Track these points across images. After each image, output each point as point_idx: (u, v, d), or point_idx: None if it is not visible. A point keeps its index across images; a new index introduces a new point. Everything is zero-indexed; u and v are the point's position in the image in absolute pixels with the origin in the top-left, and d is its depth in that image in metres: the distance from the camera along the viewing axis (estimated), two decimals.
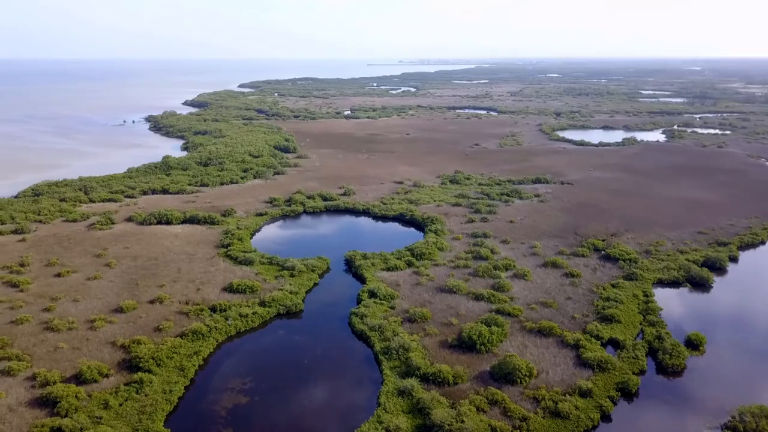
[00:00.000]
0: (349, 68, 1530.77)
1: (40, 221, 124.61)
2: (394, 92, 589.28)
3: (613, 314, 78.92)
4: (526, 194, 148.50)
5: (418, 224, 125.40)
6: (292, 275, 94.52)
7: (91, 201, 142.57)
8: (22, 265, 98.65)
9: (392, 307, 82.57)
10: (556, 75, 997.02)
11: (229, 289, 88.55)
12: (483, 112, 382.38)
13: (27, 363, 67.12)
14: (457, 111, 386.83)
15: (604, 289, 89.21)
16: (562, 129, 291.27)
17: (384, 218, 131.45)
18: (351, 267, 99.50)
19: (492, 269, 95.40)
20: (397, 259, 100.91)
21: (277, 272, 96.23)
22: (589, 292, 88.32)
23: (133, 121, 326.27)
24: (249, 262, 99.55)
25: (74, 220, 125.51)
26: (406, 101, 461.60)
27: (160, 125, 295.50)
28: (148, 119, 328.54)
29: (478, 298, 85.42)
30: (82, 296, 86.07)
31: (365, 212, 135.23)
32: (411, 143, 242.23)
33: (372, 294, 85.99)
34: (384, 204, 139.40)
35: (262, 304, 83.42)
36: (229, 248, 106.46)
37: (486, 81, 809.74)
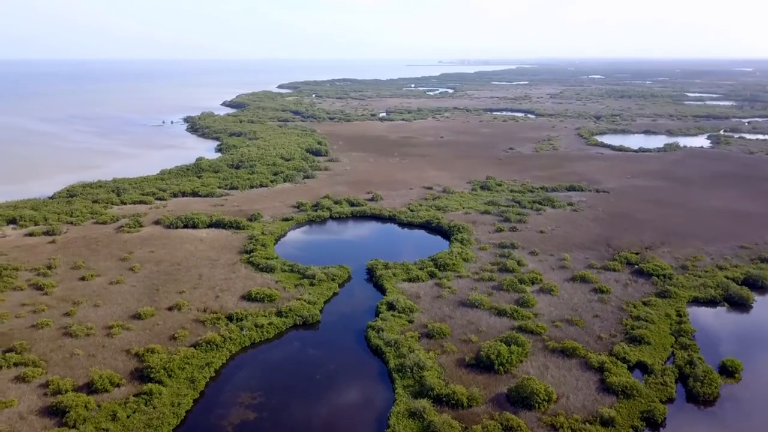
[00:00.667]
0: (387, 69, 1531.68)
1: (72, 223, 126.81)
2: (431, 93, 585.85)
3: (643, 335, 74.95)
4: (558, 202, 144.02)
5: (445, 232, 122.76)
6: (312, 284, 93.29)
7: (123, 203, 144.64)
8: (49, 267, 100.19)
9: (410, 321, 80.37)
10: (599, 76, 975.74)
11: (248, 297, 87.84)
12: (520, 114, 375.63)
13: (42, 369, 67.51)
14: (494, 113, 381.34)
15: (634, 306, 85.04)
16: (601, 133, 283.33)
17: (410, 225, 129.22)
18: (372, 276, 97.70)
19: (517, 283, 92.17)
20: (420, 269, 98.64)
21: (297, 280, 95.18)
22: (618, 310, 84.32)
23: (172, 122, 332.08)
24: (270, 270, 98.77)
25: (104, 222, 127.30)
26: (443, 103, 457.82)
27: (196, 126, 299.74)
28: (186, 120, 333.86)
29: (500, 313, 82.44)
30: (103, 301, 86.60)
31: (391, 219, 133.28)
32: (444, 147, 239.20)
33: (391, 306, 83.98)
34: (411, 210, 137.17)
35: (279, 314, 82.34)
36: (251, 254, 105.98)
37: (526, 82, 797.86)
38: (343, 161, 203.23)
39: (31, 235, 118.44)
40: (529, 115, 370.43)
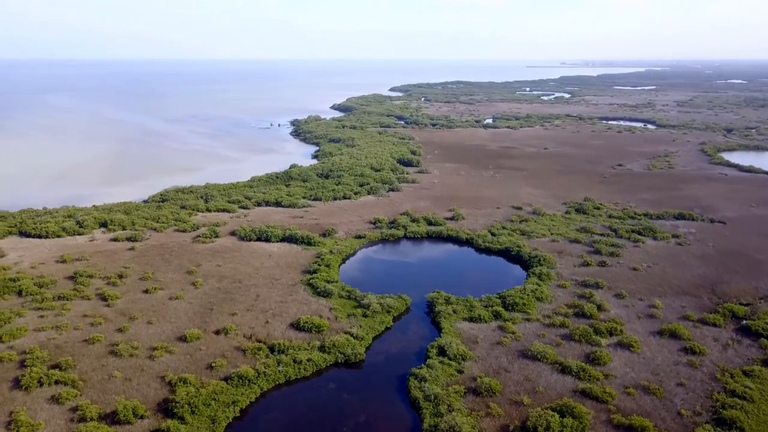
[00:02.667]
0: (506, 70, 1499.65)
1: (155, 229, 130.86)
2: (545, 98, 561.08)
3: (736, 418, 62.14)
4: (661, 233, 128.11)
5: (524, 263, 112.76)
6: (365, 315, 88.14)
7: (208, 210, 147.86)
8: (120, 276, 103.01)
9: (460, 371, 72.68)
10: (739, 81, 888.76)
11: (296, 325, 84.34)
12: (639, 124, 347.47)
13: (78, 391, 67.69)
14: (609, 123, 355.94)
15: (731, 376, 71.50)
16: (730, 150, 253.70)
17: (487, 251, 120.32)
18: (431, 311, 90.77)
19: (591, 333, 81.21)
20: (485, 307, 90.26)
21: (351, 309, 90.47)
22: (710, 379, 71.24)
23: (279, 125, 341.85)
24: (327, 295, 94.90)
25: (184, 231, 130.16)
26: (555, 109, 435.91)
27: (300, 130, 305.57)
28: (293, 123, 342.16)
29: (564, 370, 72.50)
30: (158, 318, 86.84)
31: (468, 242, 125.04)
32: (545, 159, 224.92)
33: (441, 351, 76.76)
34: (492, 234, 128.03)
35: (322, 348, 77.93)
36: (313, 275, 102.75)
37: (652, 87, 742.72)
38: (433, 173, 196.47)
39: (115, 240, 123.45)
40: (648, 126, 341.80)
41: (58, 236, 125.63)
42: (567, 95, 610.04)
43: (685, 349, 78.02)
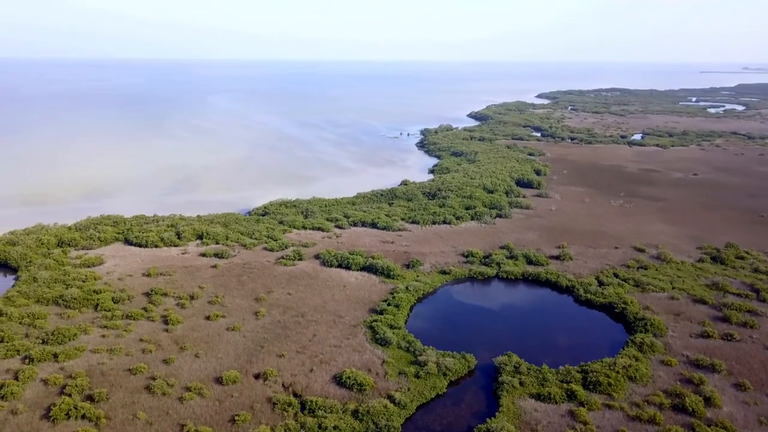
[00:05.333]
0: (674, 76, 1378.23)
1: (245, 246, 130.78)
2: (712, 110, 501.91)
3: None
4: None
5: (628, 324, 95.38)
6: (417, 375, 78.37)
7: (304, 227, 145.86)
8: (191, 297, 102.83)
9: None
10: None
11: (339, 378, 76.92)
12: None
13: (98, 431, 66.08)
14: None
15: None
16: None
17: (588, 304, 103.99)
18: (496, 379, 78.55)
19: None
20: (560, 382, 76.25)
21: (405, 365, 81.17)
22: None
23: (408, 134, 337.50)
24: (385, 343, 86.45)
25: (272, 249, 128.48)
26: (721, 125, 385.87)
27: (426, 141, 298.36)
28: (423, 132, 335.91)
29: None
30: (206, 352, 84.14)
31: (568, 290, 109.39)
32: (690, 188, 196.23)
33: None
34: (598, 282, 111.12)
35: (355, 414, 69.70)
36: (379, 316, 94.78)
37: None
38: (553, 198, 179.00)
39: (203, 255, 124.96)
40: None
41: (156, 246, 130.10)
42: (740, 107, 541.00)
43: None
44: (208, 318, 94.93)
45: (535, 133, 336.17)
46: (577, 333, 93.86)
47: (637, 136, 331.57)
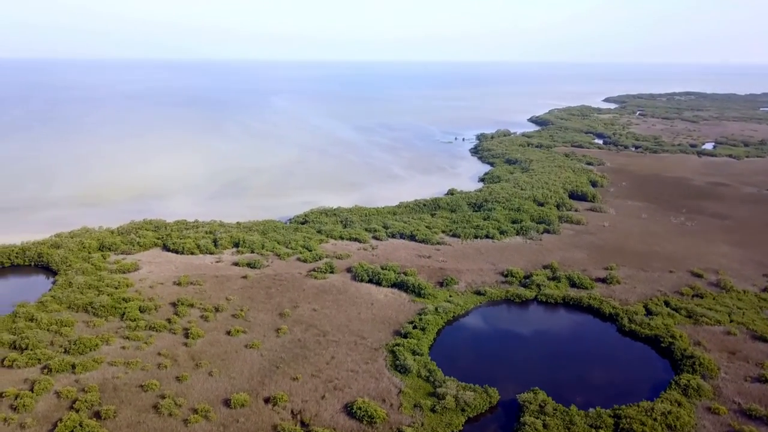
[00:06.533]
0: (761, 78, 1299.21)
1: (279, 255, 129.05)
2: None
3: None
4: None
5: (675, 362, 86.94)
6: (433, 409, 73.57)
7: (341, 237, 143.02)
8: (216, 310, 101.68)
9: None
10: None
11: (350, 408, 73.13)
12: None
13: None
14: None
15: None
16: None
17: (632, 335, 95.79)
18: (518, 419, 72.67)
19: None
20: (589, 426, 69.64)
21: (423, 396, 76.53)
22: None
23: (463, 139, 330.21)
24: (404, 371, 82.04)
25: (305, 260, 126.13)
26: None
27: (480, 147, 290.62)
28: (478, 137, 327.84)
29: None
30: (220, 371, 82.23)
31: (612, 318, 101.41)
32: (761, 205, 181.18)
33: None
34: (646, 311, 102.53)
35: None
36: (402, 340, 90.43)
37: None
38: (607, 212, 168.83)
39: (236, 264, 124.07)
40: None
41: (192, 253, 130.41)
42: None
43: None
44: (228, 333, 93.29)
45: (596, 141, 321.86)
46: (616, 369, 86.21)
47: (709, 145, 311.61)
